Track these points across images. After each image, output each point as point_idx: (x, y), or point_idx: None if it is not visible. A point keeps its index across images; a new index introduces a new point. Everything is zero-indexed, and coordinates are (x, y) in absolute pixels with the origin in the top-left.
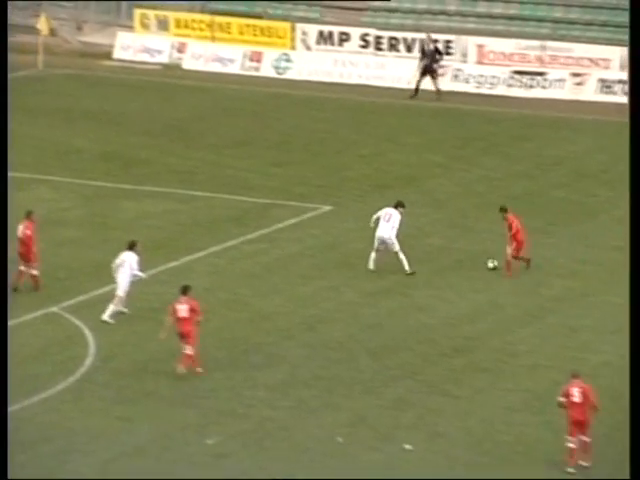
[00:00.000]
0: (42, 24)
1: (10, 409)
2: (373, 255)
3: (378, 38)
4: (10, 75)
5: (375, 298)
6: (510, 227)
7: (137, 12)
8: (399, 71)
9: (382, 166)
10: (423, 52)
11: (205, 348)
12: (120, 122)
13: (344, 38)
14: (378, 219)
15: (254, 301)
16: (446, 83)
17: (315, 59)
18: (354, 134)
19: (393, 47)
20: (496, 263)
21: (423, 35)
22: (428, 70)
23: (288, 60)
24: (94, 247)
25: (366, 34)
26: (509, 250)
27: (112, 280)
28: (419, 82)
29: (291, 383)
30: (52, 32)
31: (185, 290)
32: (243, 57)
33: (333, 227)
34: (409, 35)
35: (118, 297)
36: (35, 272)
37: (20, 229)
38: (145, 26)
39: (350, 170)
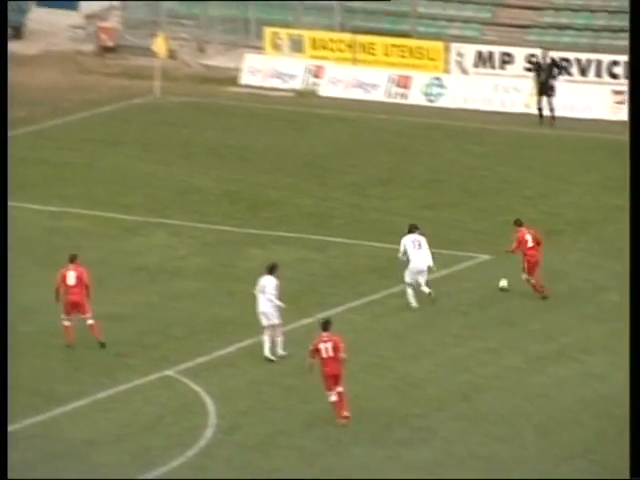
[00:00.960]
0: (159, 45)
1: None
2: (410, 291)
3: None
4: (123, 103)
5: (542, 363)
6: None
7: (267, 31)
8: (570, 98)
9: (551, 209)
10: (539, 67)
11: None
12: (246, 158)
13: (506, 60)
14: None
15: (399, 365)
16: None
17: (472, 84)
18: (517, 172)
19: (564, 70)
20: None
21: (600, 56)
22: (545, 88)
23: (441, 85)
24: (216, 301)
25: (532, 55)
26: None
27: (237, 339)
28: (539, 103)
29: (443, 463)
30: (171, 54)
31: (326, 325)
32: (388, 82)
33: (491, 279)
34: (583, 56)
35: (277, 327)
36: (91, 322)
37: (70, 275)
38: (276, 47)
39: (512, 213)
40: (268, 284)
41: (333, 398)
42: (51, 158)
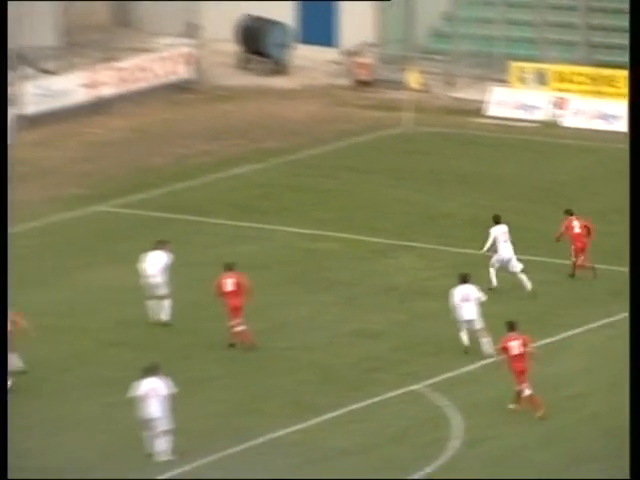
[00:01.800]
0: (412, 79)
1: None
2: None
3: None
4: (377, 134)
5: None
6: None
7: (513, 65)
8: None
9: None
10: None
11: (579, 438)
12: (492, 185)
13: None
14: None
15: None
16: None
17: None
18: None
19: None
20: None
21: None
22: None
23: None
24: None
25: None
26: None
27: (481, 357)
28: None
29: None
30: (422, 88)
31: (512, 326)
32: None
33: None
34: None
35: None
36: (243, 327)
37: (228, 283)
38: (522, 80)
39: None
40: (471, 291)
41: (527, 392)
42: (308, 185)
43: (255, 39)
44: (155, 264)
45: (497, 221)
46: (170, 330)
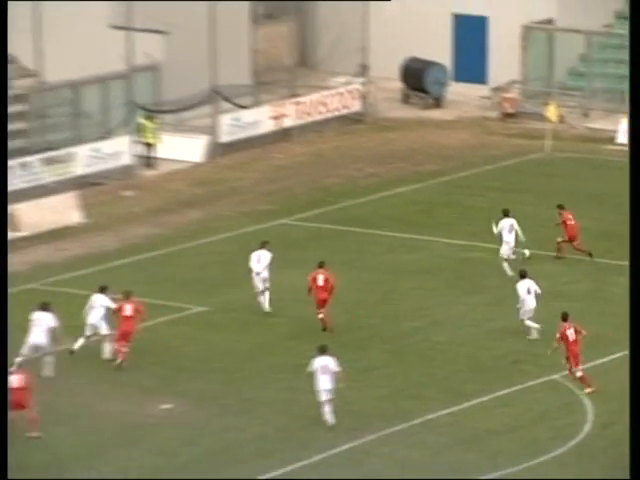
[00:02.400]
0: (551, 112)
1: (514, 469)
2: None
3: None
4: (519, 159)
5: None
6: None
7: None
8: None
9: None
10: None
11: None
12: (621, 203)
13: None
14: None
15: None
16: None
17: None
18: None
19: None
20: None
21: None
22: None
23: None
24: (592, 320)
25: None
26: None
27: (610, 352)
28: None
29: None
30: (560, 119)
31: (565, 317)
32: None
33: None
34: None
35: None
36: (322, 315)
37: (320, 278)
38: None
39: None
40: (531, 285)
41: (579, 374)
42: (460, 202)
43: (416, 77)
44: (260, 262)
45: (505, 214)
46: (343, 326)
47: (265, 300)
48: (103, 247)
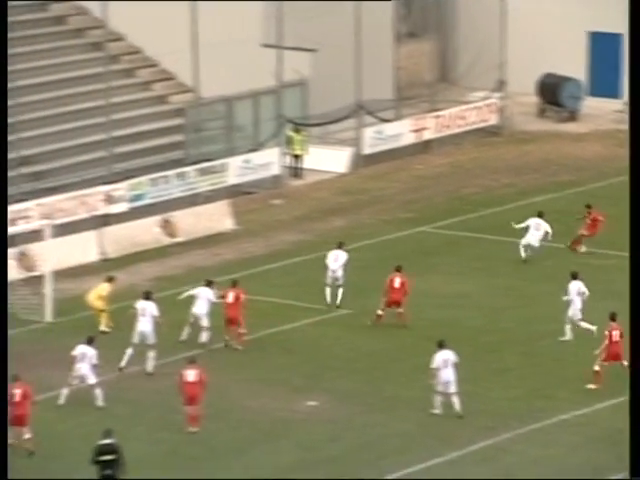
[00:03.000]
0: None
1: None
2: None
3: None
4: None
5: None
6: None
7: None
8: None
9: None
10: None
11: None
12: None
13: None
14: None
15: None
16: None
17: None
18: None
19: None
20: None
21: None
22: None
23: None
24: None
25: None
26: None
27: None
28: None
29: None
30: None
31: (613, 317)
32: None
33: None
34: None
35: None
36: (400, 310)
37: (396, 281)
38: None
39: None
40: (580, 286)
41: (597, 368)
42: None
43: (552, 92)
44: (337, 261)
45: (539, 215)
46: (476, 329)
47: (337, 295)
48: (253, 252)
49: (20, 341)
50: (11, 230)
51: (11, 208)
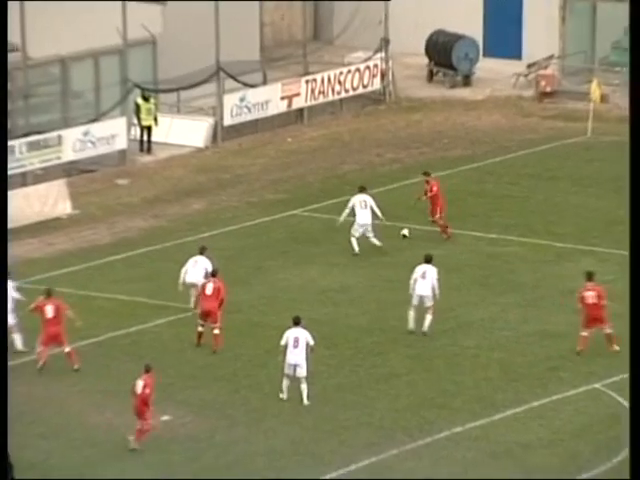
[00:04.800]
0: (593, 91)
1: None
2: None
3: None
4: (558, 143)
5: None
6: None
7: None
8: None
9: None
10: None
11: None
12: None
13: None
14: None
15: None
16: None
17: None
18: None
19: None
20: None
21: None
22: None
23: None
24: None
25: None
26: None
27: None
28: None
29: None
30: (603, 98)
31: (590, 276)
32: None
33: None
34: None
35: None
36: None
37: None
38: None
39: None
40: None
41: (584, 333)
42: (491, 191)
43: (443, 53)
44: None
45: (361, 190)
46: (360, 329)
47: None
48: (94, 241)
49: None
50: None
51: None
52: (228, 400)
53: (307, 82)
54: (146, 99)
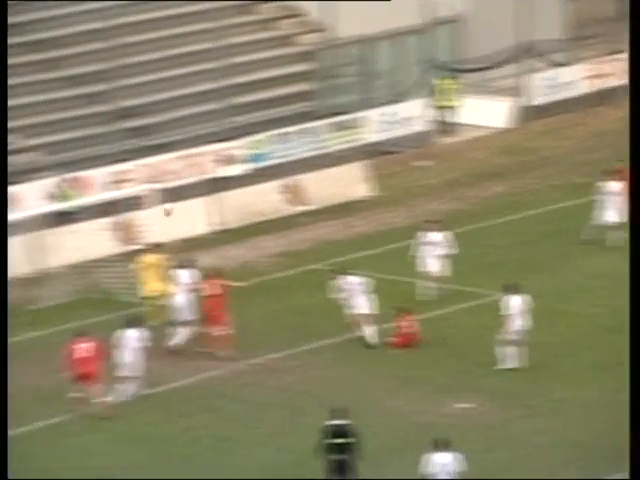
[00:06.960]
0: None
1: None
2: None
3: None
4: None
5: None
6: None
7: None
8: None
9: None
10: None
11: None
12: None
13: None
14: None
15: None
16: None
17: None
18: None
19: None
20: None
21: None
22: None
23: None
24: None
25: None
26: None
27: None
28: None
29: None
30: None
31: None
32: None
33: None
34: None
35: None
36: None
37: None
38: None
39: None
40: None
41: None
42: None
43: None
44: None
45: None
46: None
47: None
48: (393, 224)
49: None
50: (108, 196)
51: (109, 169)
52: (526, 389)
53: (616, 61)
54: (448, 79)
